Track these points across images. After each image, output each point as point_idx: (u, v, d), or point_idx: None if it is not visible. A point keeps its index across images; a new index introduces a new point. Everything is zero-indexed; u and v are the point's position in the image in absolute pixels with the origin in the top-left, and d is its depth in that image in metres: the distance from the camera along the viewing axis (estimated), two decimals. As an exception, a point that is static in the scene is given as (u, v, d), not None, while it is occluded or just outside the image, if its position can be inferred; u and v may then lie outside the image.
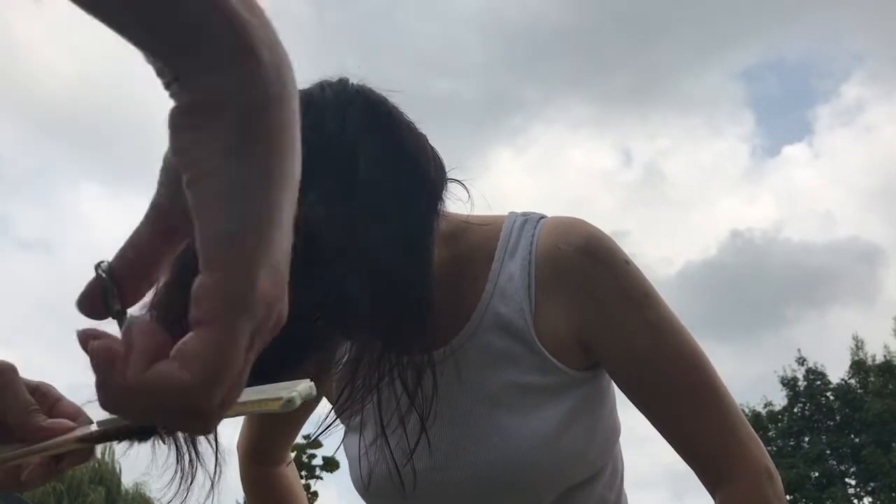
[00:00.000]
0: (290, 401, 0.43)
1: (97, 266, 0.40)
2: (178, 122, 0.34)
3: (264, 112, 0.34)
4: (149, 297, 0.45)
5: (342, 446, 1.07)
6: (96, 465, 20.40)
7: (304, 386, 0.44)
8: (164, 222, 0.39)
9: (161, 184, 0.39)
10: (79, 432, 0.56)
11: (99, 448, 0.60)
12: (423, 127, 0.93)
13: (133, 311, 0.41)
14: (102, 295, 0.39)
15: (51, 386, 0.62)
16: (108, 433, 0.55)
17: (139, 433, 0.53)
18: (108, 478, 20.83)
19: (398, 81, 0.91)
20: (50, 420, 0.58)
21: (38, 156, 46.86)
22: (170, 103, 0.34)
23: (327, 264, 0.78)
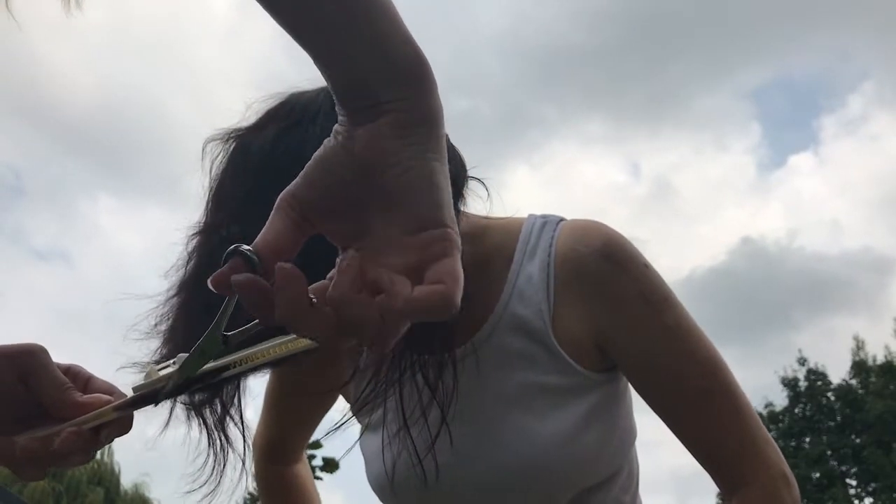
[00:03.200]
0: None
1: (236, 248, 0.47)
2: (387, 133, 0.47)
3: (440, 124, 0.49)
4: None
5: (359, 447, 1.07)
6: (95, 465, 20.35)
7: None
8: (303, 215, 0.49)
9: (300, 185, 0.49)
10: (115, 402, 0.57)
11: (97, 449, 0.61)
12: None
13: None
14: (251, 271, 0.46)
15: (81, 367, 0.62)
16: (145, 397, 0.56)
17: (172, 393, 0.55)
18: (106, 478, 20.78)
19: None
20: (86, 396, 0.58)
21: (57, 169, 47.08)
22: (359, 122, 0.47)
23: None
